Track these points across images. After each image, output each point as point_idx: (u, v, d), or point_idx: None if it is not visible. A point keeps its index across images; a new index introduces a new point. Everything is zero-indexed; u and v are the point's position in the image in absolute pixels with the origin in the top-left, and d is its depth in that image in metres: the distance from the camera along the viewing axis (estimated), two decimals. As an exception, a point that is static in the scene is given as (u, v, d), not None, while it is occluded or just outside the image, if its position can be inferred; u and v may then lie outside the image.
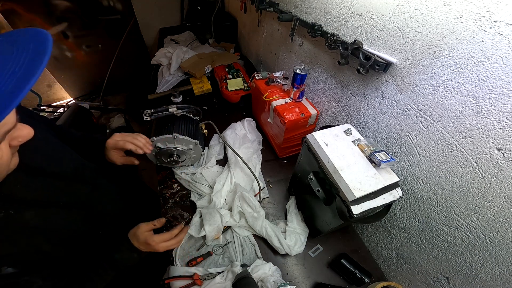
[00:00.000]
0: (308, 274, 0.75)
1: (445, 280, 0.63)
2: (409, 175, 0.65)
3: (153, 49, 2.30)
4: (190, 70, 1.44)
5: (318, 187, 0.64)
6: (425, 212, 0.64)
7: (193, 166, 0.97)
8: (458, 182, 0.54)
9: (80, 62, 2.39)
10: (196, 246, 0.77)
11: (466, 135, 0.50)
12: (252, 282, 0.63)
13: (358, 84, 0.74)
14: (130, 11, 2.18)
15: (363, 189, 0.54)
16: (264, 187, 0.94)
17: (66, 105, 2.10)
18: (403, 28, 0.56)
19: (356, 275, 0.71)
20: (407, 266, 0.74)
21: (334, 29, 0.77)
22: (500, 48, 0.41)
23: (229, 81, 1.31)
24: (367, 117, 0.75)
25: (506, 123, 0.43)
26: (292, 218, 0.82)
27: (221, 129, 1.07)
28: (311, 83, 0.98)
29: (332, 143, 0.63)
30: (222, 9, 1.95)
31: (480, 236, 0.52)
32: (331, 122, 0.93)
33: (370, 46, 0.65)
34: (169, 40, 1.90)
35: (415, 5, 0.51)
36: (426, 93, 0.55)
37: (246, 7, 1.50)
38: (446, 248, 0.61)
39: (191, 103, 1.29)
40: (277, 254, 0.78)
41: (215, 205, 0.83)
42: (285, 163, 1.06)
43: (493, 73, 0.43)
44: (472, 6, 0.42)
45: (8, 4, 1.86)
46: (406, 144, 0.64)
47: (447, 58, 0.49)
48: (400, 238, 0.73)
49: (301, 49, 1.00)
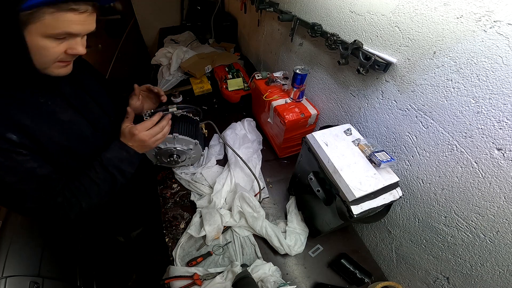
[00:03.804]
0: (308, 274, 0.75)
1: (445, 280, 0.63)
2: (409, 175, 0.65)
3: (153, 49, 2.30)
4: (190, 70, 1.44)
5: (318, 187, 0.64)
6: (425, 212, 0.64)
7: (193, 166, 0.97)
8: (458, 182, 0.54)
9: (80, 62, 2.39)
10: (196, 246, 0.77)
11: (466, 135, 0.50)
12: (252, 282, 0.63)
13: (358, 84, 0.74)
14: (130, 11, 2.18)
15: (363, 189, 0.54)
16: (264, 187, 0.94)
17: (66, 105, 2.10)
18: (403, 28, 0.56)
19: (356, 275, 0.71)
20: (407, 266, 0.74)
21: (334, 29, 0.77)
22: (500, 48, 0.41)
23: (229, 81, 1.31)
24: (367, 117, 0.75)
25: (506, 123, 0.43)
26: (292, 218, 0.82)
27: (221, 129, 1.08)
28: (311, 83, 0.98)
29: (332, 143, 0.63)
30: (222, 9, 1.95)
31: (480, 236, 0.52)
32: (331, 122, 0.93)
33: (370, 46, 0.65)
34: (169, 40, 1.90)
35: (415, 5, 0.51)
36: (426, 93, 0.55)
37: (246, 7, 1.50)
38: (446, 248, 0.61)
39: (191, 103, 1.29)
40: (277, 254, 0.78)
41: (215, 205, 0.83)
42: (285, 163, 1.06)
43: (493, 73, 0.43)
44: (472, 6, 0.42)
45: (8, 4, 1.86)
46: (406, 144, 0.64)
47: (447, 58, 0.49)
48: (400, 238, 0.73)
49: (301, 49, 1.00)
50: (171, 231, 0.81)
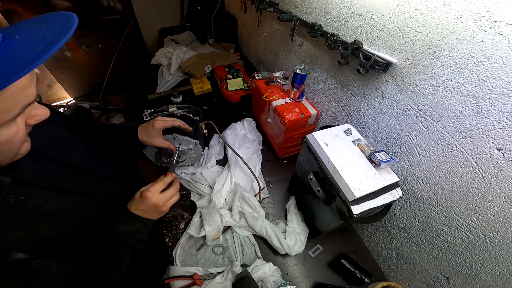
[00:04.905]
0: (308, 274, 0.75)
1: (445, 280, 0.63)
2: (409, 175, 0.65)
3: (153, 49, 2.30)
4: (190, 70, 1.44)
5: (318, 187, 0.64)
6: (425, 212, 0.64)
7: (193, 166, 0.97)
8: (458, 182, 0.54)
9: (80, 62, 2.38)
10: (196, 246, 0.77)
11: (466, 135, 0.50)
12: (252, 282, 0.63)
13: (358, 84, 0.74)
14: (130, 11, 2.18)
15: (363, 189, 0.54)
16: (264, 187, 0.94)
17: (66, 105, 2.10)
18: (403, 28, 0.56)
19: (356, 275, 0.71)
20: (407, 266, 0.74)
21: (334, 29, 0.77)
22: (500, 48, 0.41)
23: (229, 81, 1.31)
24: (367, 117, 0.75)
25: (506, 123, 0.43)
26: (292, 218, 0.82)
27: (221, 129, 1.08)
28: (311, 83, 0.98)
29: (332, 143, 0.63)
30: (222, 9, 1.95)
31: (480, 236, 0.52)
32: (331, 122, 0.93)
33: (370, 46, 0.65)
34: (169, 40, 1.90)
35: (415, 5, 0.51)
36: (426, 93, 0.55)
37: (246, 7, 1.50)
38: (446, 248, 0.61)
39: (191, 103, 1.29)
40: (277, 254, 0.78)
41: (215, 205, 0.83)
42: (285, 163, 1.06)
43: (493, 73, 0.43)
44: (472, 6, 0.42)
45: (8, 4, 1.85)
46: (406, 144, 0.64)
47: (447, 58, 0.49)
48: (400, 238, 0.73)
49: (301, 49, 1.00)
50: (171, 231, 0.81)
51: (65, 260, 0.48)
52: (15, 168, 0.41)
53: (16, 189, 0.42)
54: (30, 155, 0.43)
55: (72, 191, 0.52)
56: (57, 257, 0.47)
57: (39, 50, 0.30)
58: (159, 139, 0.73)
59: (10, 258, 0.40)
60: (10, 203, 0.41)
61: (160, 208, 0.57)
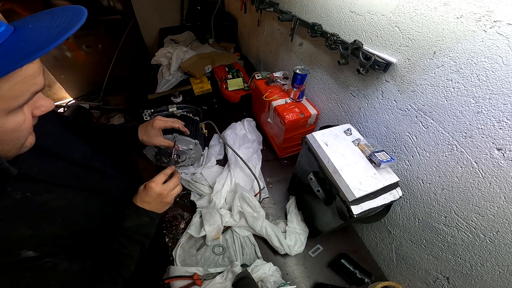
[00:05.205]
0: (308, 274, 0.75)
1: (445, 280, 0.63)
2: (409, 175, 0.65)
3: (153, 49, 2.30)
4: (190, 70, 1.44)
5: (318, 187, 0.64)
6: (425, 212, 0.64)
7: (193, 166, 0.97)
8: (458, 182, 0.54)
9: (80, 62, 2.38)
10: (196, 246, 0.77)
11: (466, 135, 0.50)
12: (252, 282, 0.63)
13: (358, 84, 0.74)
14: (130, 11, 2.18)
15: (363, 189, 0.54)
16: (264, 187, 0.94)
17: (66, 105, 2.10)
18: (403, 28, 0.56)
19: (356, 275, 0.71)
20: (407, 266, 0.74)
21: (334, 29, 0.77)
22: (500, 48, 0.41)
23: (229, 81, 1.31)
24: (367, 117, 0.75)
25: (506, 123, 0.43)
26: (292, 218, 0.82)
27: (221, 129, 1.08)
28: (311, 83, 0.98)
29: (332, 143, 0.63)
30: (222, 9, 1.94)
31: (480, 236, 0.52)
32: (331, 122, 0.93)
33: (370, 46, 0.65)
34: (169, 40, 1.90)
35: (415, 5, 0.51)
36: (426, 93, 0.55)
37: (246, 7, 1.50)
38: (446, 248, 0.61)
39: (191, 103, 1.29)
40: (277, 254, 0.78)
41: (215, 205, 0.83)
42: (285, 163, 1.06)
43: (493, 73, 0.43)
44: (472, 6, 0.42)
45: (8, 4, 1.85)
46: (406, 144, 0.64)
47: (447, 58, 0.49)
48: (400, 238, 0.73)
49: (301, 49, 1.00)
50: (171, 231, 0.81)
51: (74, 259, 0.47)
52: (20, 163, 0.41)
53: (22, 185, 0.42)
54: (33, 151, 0.42)
55: (76, 187, 0.52)
56: (65, 255, 0.46)
57: (55, 35, 0.32)
58: (159, 138, 0.73)
59: (20, 257, 0.39)
60: (16, 199, 0.41)
61: (164, 198, 0.58)
